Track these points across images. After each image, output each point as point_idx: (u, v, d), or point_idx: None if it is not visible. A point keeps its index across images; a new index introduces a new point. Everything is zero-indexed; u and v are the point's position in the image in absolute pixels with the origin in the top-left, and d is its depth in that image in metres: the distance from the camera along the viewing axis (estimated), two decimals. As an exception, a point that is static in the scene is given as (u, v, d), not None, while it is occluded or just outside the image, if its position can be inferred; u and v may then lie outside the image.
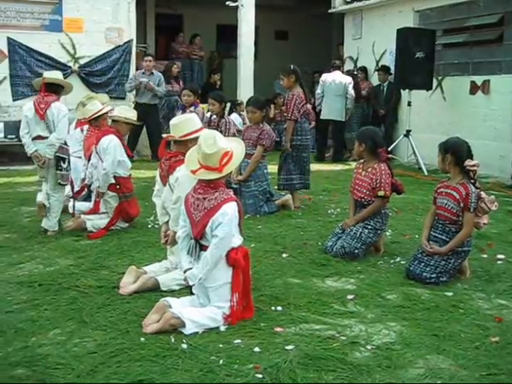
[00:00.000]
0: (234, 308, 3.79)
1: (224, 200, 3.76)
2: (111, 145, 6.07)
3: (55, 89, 6.06)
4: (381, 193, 5.21)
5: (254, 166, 6.90)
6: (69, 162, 6.01)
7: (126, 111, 6.33)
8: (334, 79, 11.47)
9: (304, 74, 12.09)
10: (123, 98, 11.59)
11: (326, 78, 11.55)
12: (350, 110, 11.65)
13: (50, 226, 5.96)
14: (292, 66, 7.14)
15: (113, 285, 4.43)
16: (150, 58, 11.29)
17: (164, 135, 4.84)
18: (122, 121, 6.22)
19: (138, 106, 10.35)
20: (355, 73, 12.45)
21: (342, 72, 11.94)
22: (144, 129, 10.95)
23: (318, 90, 11.63)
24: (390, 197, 5.36)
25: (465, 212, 4.57)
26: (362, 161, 5.50)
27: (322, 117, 11.56)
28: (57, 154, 5.89)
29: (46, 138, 5.88)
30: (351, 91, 11.42)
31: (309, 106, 7.34)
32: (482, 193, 4.63)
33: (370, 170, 5.31)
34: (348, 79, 11.51)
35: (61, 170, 5.92)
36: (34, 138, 5.96)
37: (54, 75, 6.20)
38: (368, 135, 5.38)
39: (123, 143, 6.28)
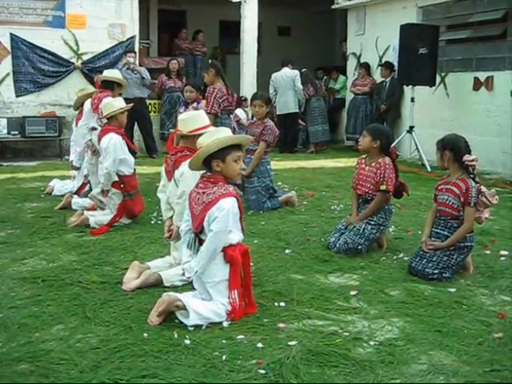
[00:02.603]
0: (235, 305, 3.78)
1: (222, 195, 3.76)
2: (111, 144, 6.01)
3: (109, 85, 6.87)
4: (383, 187, 5.20)
5: (257, 162, 6.89)
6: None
7: (112, 105, 6.17)
8: (282, 75, 11.86)
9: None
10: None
11: (276, 75, 11.93)
12: (302, 102, 12.04)
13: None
14: (210, 61, 7.32)
15: (116, 280, 4.44)
16: (132, 54, 11.26)
17: (171, 130, 4.86)
18: (116, 114, 6.13)
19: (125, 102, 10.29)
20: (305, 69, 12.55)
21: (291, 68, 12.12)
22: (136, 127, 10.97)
23: (271, 90, 11.86)
24: (392, 192, 5.35)
25: (465, 206, 4.56)
26: (364, 156, 5.50)
27: (278, 112, 11.90)
28: None
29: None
30: (298, 84, 11.75)
31: (230, 100, 7.47)
32: (482, 187, 4.63)
33: (373, 164, 5.30)
34: (295, 73, 11.82)
35: None
36: (91, 129, 6.77)
37: (110, 74, 7.10)
38: (384, 133, 5.41)
39: (125, 138, 6.23)
